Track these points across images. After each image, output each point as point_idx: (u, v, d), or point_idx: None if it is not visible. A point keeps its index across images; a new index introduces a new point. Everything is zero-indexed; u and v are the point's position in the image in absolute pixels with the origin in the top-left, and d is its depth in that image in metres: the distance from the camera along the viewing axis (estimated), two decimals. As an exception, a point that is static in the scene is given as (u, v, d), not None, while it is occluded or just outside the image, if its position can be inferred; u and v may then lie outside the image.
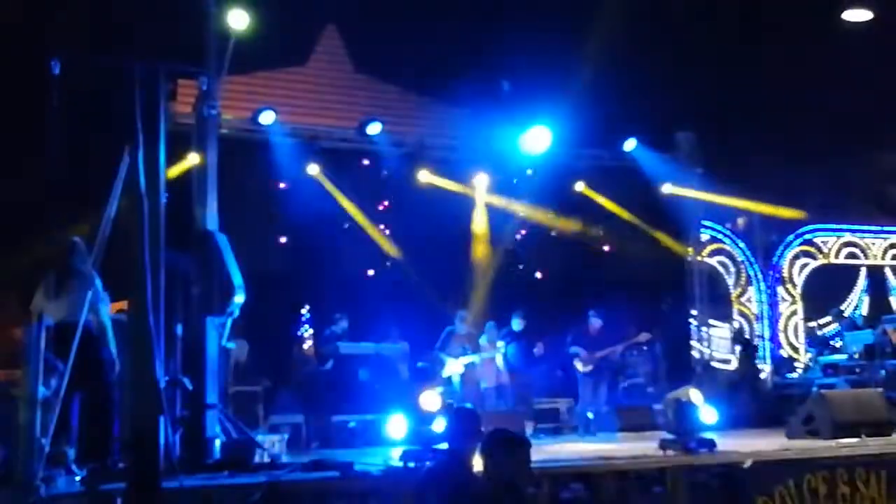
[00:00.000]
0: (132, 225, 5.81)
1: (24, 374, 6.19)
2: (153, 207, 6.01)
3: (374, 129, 12.72)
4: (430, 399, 6.90)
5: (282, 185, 12.97)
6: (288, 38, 12.39)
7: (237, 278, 7.83)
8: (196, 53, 8.24)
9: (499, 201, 14.40)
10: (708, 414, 8.21)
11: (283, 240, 13.41)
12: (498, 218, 14.45)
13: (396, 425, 9.51)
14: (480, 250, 14.15)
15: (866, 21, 12.04)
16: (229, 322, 7.90)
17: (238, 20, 9.22)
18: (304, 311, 12.91)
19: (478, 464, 4.62)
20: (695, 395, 7.86)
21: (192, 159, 9.05)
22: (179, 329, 7.76)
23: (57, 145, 8.33)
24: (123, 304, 6.74)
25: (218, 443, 7.54)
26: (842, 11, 11.98)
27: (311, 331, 12.57)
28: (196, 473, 6.65)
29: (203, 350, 7.70)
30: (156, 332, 5.74)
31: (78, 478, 6.31)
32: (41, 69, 6.95)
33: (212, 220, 8.20)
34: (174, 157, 9.09)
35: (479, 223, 14.29)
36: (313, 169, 13.07)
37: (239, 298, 7.82)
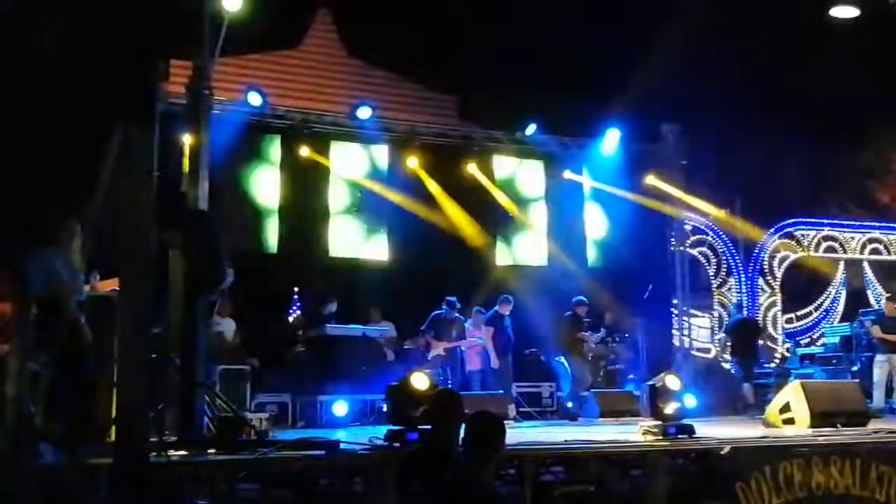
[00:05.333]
0: (125, 202, 5.84)
1: (11, 349, 6.21)
2: (146, 186, 6.04)
3: (364, 113, 12.75)
4: (419, 380, 6.95)
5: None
6: (281, 21, 12.41)
7: (226, 258, 7.87)
8: (190, 33, 8.26)
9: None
10: (687, 400, 8.33)
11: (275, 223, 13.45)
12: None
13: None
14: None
15: (852, 18, 12.14)
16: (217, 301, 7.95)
17: (231, 1, 9.23)
18: (294, 292, 12.95)
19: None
20: (674, 381, 7.95)
21: (185, 139, 9.07)
22: (169, 307, 7.79)
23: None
24: (115, 282, 6.78)
25: (206, 420, 7.61)
26: (828, 9, 12.08)
27: (299, 312, 12.63)
28: (183, 450, 6.70)
29: (192, 328, 7.75)
30: (146, 309, 5.78)
31: (66, 453, 6.35)
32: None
33: (203, 199, 8.23)
34: (167, 136, 9.12)
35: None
36: (305, 151, 13.10)
37: (228, 278, 7.87)
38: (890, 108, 14.60)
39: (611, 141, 14.25)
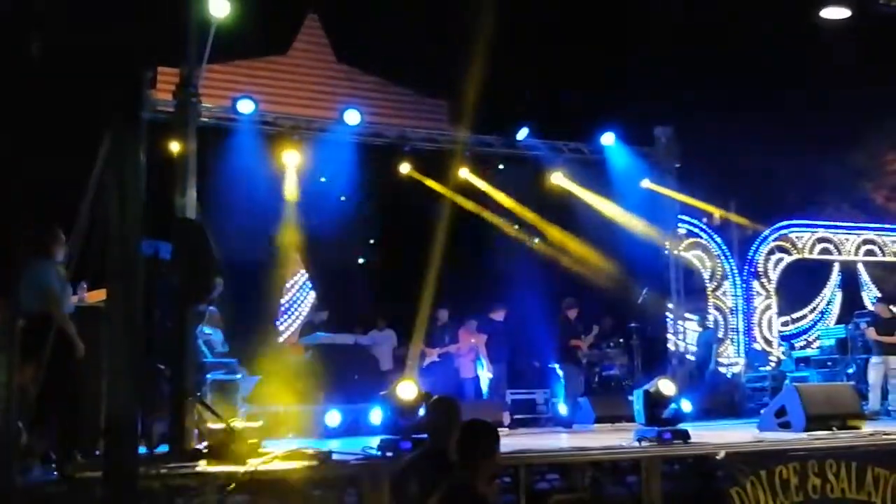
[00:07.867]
0: (112, 212, 5.77)
1: (-1, 363, 6.13)
2: (133, 195, 5.97)
3: (352, 117, 12.64)
4: (407, 389, 6.91)
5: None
6: (269, 27, 12.38)
7: (215, 267, 7.82)
8: (177, 40, 8.19)
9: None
10: (682, 405, 8.30)
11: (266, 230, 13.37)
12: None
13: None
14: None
15: (844, 19, 12.11)
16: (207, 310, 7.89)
17: (219, 8, 9.18)
18: (283, 300, 12.89)
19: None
20: (669, 386, 7.91)
21: (172, 147, 9.01)
22: (158, 317, 7.72)
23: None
24: (104, 293, 6.70)
25: (196, 431, 7.53)
26: (819, 10, 12.05)
27: (290, 320, 12.58)
28: (173, 462, 6.64)
29: (182, 338, 7.68)
30: (136, 320, 5.71)
31: (54, 466, 6.28)
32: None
33: (191, 208, 8.17)
34: (154, 144, 9.03)
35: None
36: (295, 158, 13.01)
37: (217, 287, 7.81)
38: (883, 108, 14.60)
39: (611, 145, 14.18)
